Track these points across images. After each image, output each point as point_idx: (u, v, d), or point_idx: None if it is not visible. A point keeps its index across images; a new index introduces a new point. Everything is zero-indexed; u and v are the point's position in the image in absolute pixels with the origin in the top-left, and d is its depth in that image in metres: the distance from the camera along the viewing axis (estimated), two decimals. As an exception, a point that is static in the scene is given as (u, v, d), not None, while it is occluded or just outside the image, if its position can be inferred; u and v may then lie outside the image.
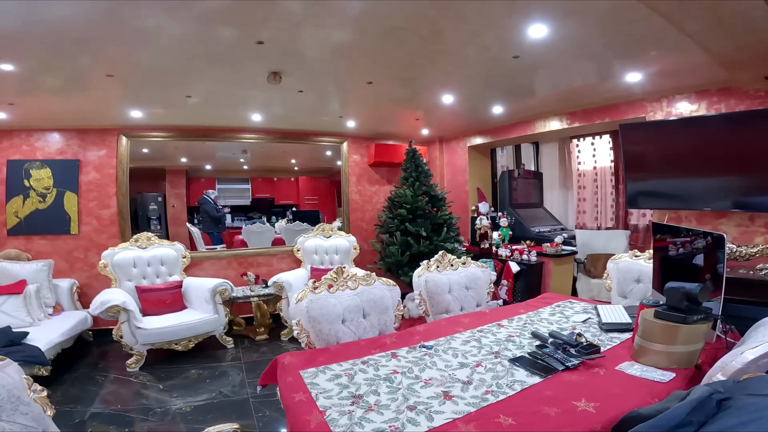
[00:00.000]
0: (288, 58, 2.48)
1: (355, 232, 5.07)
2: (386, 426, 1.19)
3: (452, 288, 2.56)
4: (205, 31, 2.04)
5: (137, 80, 2.81)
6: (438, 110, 3.96)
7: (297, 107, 3.71)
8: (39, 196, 3.87)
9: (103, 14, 1.80)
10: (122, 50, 2.23)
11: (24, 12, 1.72)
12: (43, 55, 2.21)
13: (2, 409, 1.14)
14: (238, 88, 3.04)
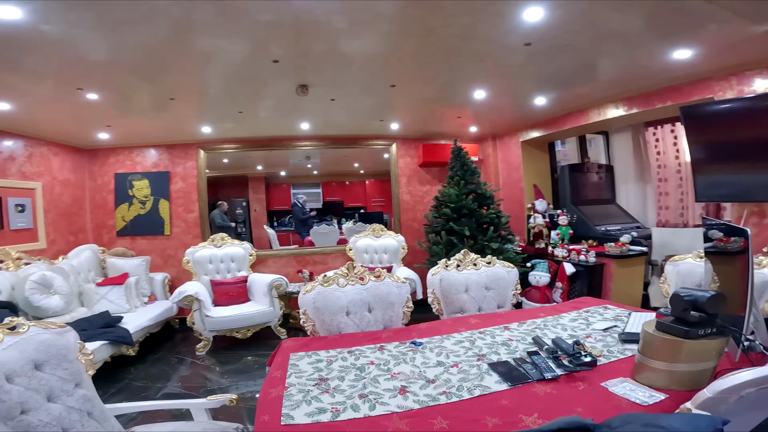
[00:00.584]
0: (312, 71, 2.69)
1: (406, 232, 5.16)
2: (329, 407, 1.30)
3: (469, 287, 2.52)
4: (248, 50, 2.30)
5: (201, 101, 3.29)
6: (477, 107, 3.87)
7: (335, 114, 3.93)
8: (140, 203, 4.70)
9: (171, 42, 2.12)
10: (188, 74, 2.63)
11: (106, 44, 2.11)
12: (121, 83, 2.71)
13: (48, 363, 1.51)
14: (277, 101, 3.36)
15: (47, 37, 1.97)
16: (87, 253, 4.28)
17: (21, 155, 3.78)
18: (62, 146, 4.28)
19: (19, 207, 3.75)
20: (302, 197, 7.01)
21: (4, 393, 1.30)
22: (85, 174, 4.63)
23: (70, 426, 1.43)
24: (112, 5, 1.74)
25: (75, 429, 1.44)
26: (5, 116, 3.20)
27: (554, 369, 1.40)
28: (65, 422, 1.42)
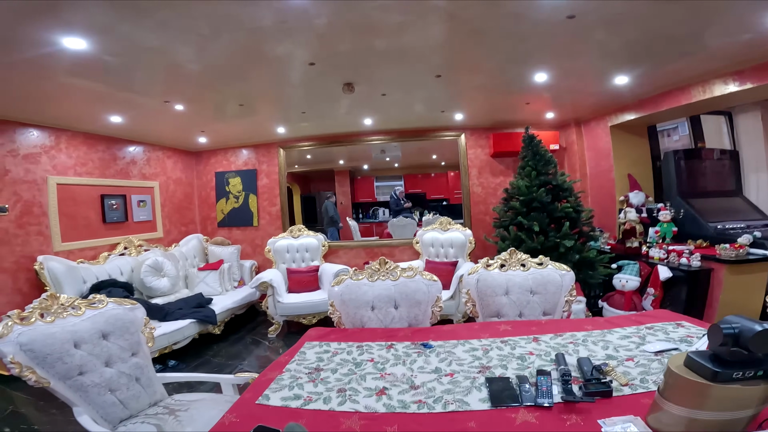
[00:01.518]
0: (357, 68, 2.73)
1: (477, 225, 4.94)
2: (305, 395, 1.34)
3: (510, 290, 2.31)
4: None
5: (271, 104, 3.60)
6: (543, 91, 3.49)
7: (390, 109, 3.92)
8: (234, 198, 5.35)
9: (242, 51, 2.34)
10: (257, 80, 2.89)
11: (194, 58, 2.41)
12: (205, 92, 3.10)
13: (113, 333, 1.82)
14: (331, 101, 3.48)
15: (148, 57, 2.32)
16: (194, 241, 5.04)
17: (141, 159, 4.61)
18: (173, 150, 5.09)
19: (141, 202, 4.59)
20: (399, 189, 7.19)
21: (68, 356, 1.61)
22: (193, 173, 5.44)
23: (117, 388, 1.72)
24: (194, 22, 1.96)
25: (120, 391, 1.72)
26: (125, 127, 3.93)
27: (553, 395, 1.21)
28: (113, 384, 1.71)
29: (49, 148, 3.64)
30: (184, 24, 1.97)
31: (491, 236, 4.39)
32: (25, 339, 1.54)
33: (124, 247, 4.22)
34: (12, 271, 3.29)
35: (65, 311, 1.75)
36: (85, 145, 3.97)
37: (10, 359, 1.48)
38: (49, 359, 1.56)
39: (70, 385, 1.59)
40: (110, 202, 4.21)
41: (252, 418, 1.20)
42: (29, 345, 1.54)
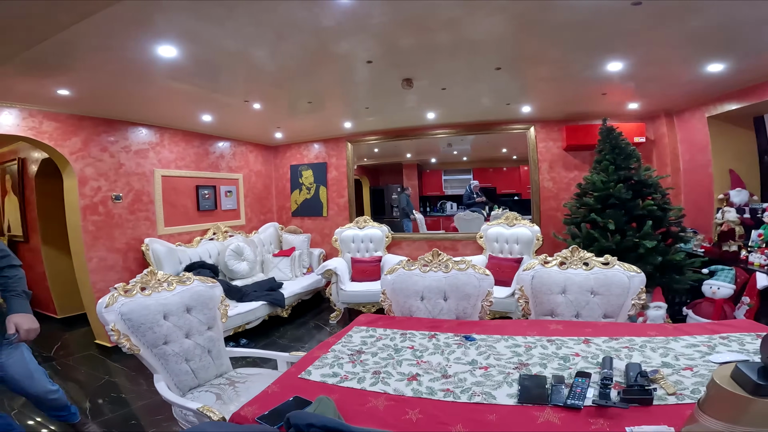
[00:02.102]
0: (416, 63, 2.77)
1: (546, 222, 4.69)
2: (343, 373, 1.46)
3: (568, 289, 2.20)
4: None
5: (338, 100, 3.79)
6: (624, 80, 3.19)
7: (453, 102, 3.88)
8: (307, 189, 5.73)
9: (310, 50, 2.47)
10: (324, 77, 3.06)
11: (269, 59, 2.60)
12: (275, 91, 3.36)
13: (195, 308, 2.09)
14: (392, 96, 3.55)
15: (229, 60, 2.60)
16: (271, 229, 5.52)
17: (228, 153, 5.15)
18: (255, 145, 5.59)
19: (228, 192, 5.14)
20: (475, 183, 7.10)
21: (157, 326, 1.88)
22: (271, 166, 5.93)
23: (191, 358, 1.97)
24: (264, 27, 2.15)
25: (193, 360, 1.97)
26: (214, 125, 4.43)
27: (587, 397, 1.17)
28: (189, 354, 1.96)
29: (155, 145, 4.25)
30: (256, 29, 2.18)
31: (561, 233, 4.15)
32: (125, 309, 1.82)
33: (213, 233, 4.77)
34: (123, 251, 3.92)
35: (160, 286, 2.03)
36: (184, 141, 4.55)
37: (112, 327, 1.76)
38: (142, 328, 1.83)
39: (155, 353, 1.85)
40: (203, 192, 4.78)
41: (292, 390, 1.34)
42: (128, 315, 1.81)
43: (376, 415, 1.18)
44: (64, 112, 3.52)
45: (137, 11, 1.88)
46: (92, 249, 3.70)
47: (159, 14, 1.95)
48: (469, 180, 7.41)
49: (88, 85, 2.93)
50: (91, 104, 3.42)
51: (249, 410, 1.22)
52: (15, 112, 3.23)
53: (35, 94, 3.06)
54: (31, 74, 2.66)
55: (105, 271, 3.76)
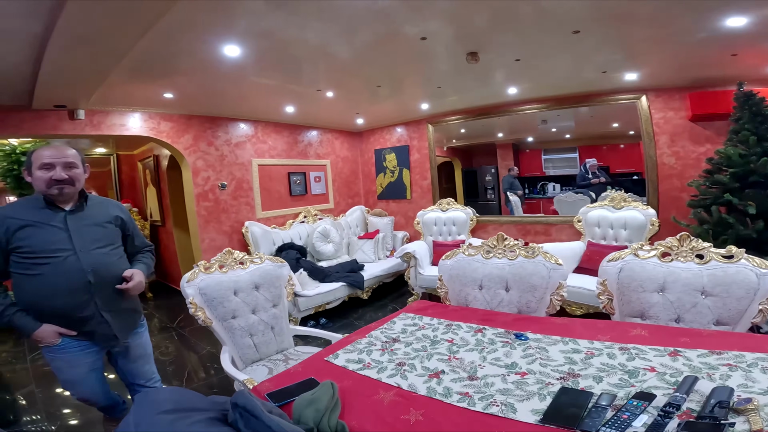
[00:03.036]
0: (477, 36, 2.52)
1: (667, 204, 3.90)
2: (368, 360, 1.40)
3: (669, 287, 1.77)
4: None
5: (412, 82, 3.67)
6: (758, 39, 2.41)
7: (533, 75, 3.49)
8: (390, 173, 5.73)
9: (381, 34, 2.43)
10: (389, 63, 3.00)
11: (345, 49, 2.64)
12: (344, 78, 3.38)
13: (262, 286, 2.23)
14: (462, 73, 3.29)
15: (314, 48, 2.65)
16: (357, 212, 5.69)
17: (316, 141, 5.42)
18: (339, 131, 5.78)
19: (317, 178, 5.43)
20: (592, 161, 6.41)
21: (227, 301, 2.06)
22: (357, 152, 6.07)
23: (255, 333, 2.11)
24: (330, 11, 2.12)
25: (257, 335, 2.11)
26: (298, 115, 4.68)
27: (631, 426, 0.90)
28: (253, 329, 2.11)
29: (251, 137, 4.68)
30: (322, 20, 2.18)
31: (685, 218, 3.40)
32: (203, 284, 2.02)
33: (304, 216, 5.11)
34: (228, 233, 4.44)
35: (236, 264, 2.21)
36: (275, 132, 4.92)
37: (190, 300, 1.97)
38: (214, 302, 2.02)
39: (225, 326, 2.03)
40: (294, 179, 5.13)
41: (313, 371, 1.33)
42: (204, 289, 2.01)
43: (377, 409, 1.10)
44: (175, 113, 4.08)
45: (214, 14, 2.04)
46: (204, 231, 4.27)
47: (231, 16, 2.08)
48: (575, 159, 6.60)
49: (185, 88, 3.33)
50: (193, 104, 3.90)
51: (266, 386, 1.25)
52: (138, 115, 3.85)
53: (150, 99, 3.59)
54: (143, 81, 3.12)
55: (214, 251, 4.30)
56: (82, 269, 1.61)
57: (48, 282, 1.56)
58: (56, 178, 1.59)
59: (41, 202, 1.62)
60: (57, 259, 1.58)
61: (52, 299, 1.58)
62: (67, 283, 1.59)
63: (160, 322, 4.48)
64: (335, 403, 1.08)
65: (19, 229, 1.54)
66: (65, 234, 1.62)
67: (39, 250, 1.56)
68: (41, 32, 2.07)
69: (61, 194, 1.62)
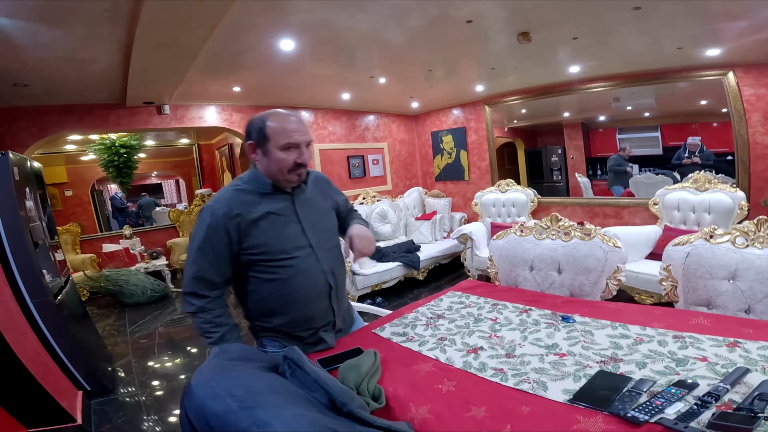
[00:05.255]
0: (527, 16, 2.44)
1: (761, 186, 3.46)
2: (411, 334, 1.49)
3: (741, 274, 1.62)
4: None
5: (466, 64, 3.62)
6: None
7: (597, 52, 3.31)
8: (448, 154, 5.69)
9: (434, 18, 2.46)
10: (441, 45, 3.00)
11: (398, 34, 2.69)
12: (396, 64, 3.45)
13: None
14: (515, 53, 3.19)
15: (364, 36, 2.76)
16: (415, 194, 5.74)
17: (373, 125, 5.53)
18: (396, 115, 5.82)
19: (375, 161, 5.56)
20: (693, 140, 5.88)
21: None
22: (414, 134, 6.09)
23: None
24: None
25: None
26: (354, 101, 4.80)
27: (663, 413, 0.88)
28: None
29: (311, 124, 4.92)
30: (375, 6, 2.25)
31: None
32: None
33: (363, 198, 5.28)
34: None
35: None
36: (334, 118, 5.12)
37: None
38: None
39: None
40: (353, 162, 5.31)
41: (360, 341, 1.45)
42: None
43: (413, 378, 1.18)
44: (244, 104, 4.41)
45: (270, 12, 2.22)
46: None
47: (285, 13, 2.24)
48: (656, 138, 6.01)
49: (250, 82, 3.60)
50: (258, 96, 4.19)
51: (321, 354, 1.39)
52: (213, 108, 4.24)
53: (222, 93, 3.94)
54: (214, 77, 3.43)
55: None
56: (322, 271, 1.35)
57: (288, 289, 1.29)
58: (301, 161, 1.26)
59: (268, 187, 1.28)
60: (297, 259, 1.30)
61: (293, 310, 1.32)
62: (308, 290, 1.33)
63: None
64: (376, 369, 1.19)
65: (251, 225, 1.25)
66: (298, 226, 1.33)
67: (276, 249, 1.28)
68: (124, 38, 2.39)
69: (298, 181, 1.32)
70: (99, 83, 3.29)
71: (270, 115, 1.26)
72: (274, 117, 1.25)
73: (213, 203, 1.27)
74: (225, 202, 1.26)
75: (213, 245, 1.24)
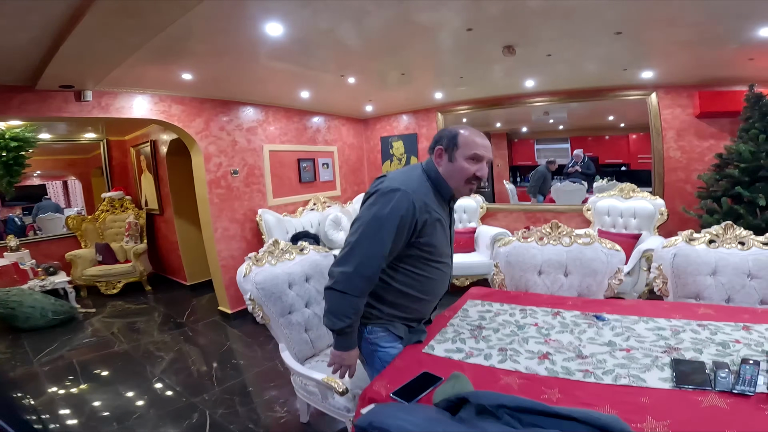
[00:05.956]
0: (519, 30, 2.56)
1: (671, 195, 4.12)
2: (467, 349, 1.43)
3: (719, 271, 1.91)
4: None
5: (429, 71, 3.67)
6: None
7: (558, 69, 3.57)
8: (398, 160, 5.74)
9: (396, 22, 2.43)
10: (413, 49, 2.98)
11: (356, 35, 2.61)
12: (370, 65, 3.37)
13: (313, 277, 2.19)
14: (491, 64, 3.34)
15: (321, 37, 2.64)
16: (363, 199, 5.68)
17: (323, 128, 5.34)
18: (347, 118, 5.72)
19: (325, 165, 5.36)
20: (577, 152, 6.57)
21: (285, 295, 1.99)
22: (362, 138, 6.04)
23: (310, 327, 2.08)
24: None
25: (312, 330, 2.08)
26: (311, 101, 4.59)
27: (758, 385, 1.02)
28: (309, 323, 2.08)
29: (262, 122, 4.56)
30: (346, 4, 2.13)
31: (692, 208, 3.62)
32: (259, 278, 1.93)
33: (313, 203, 5.05)
34: (241, 221, 4.32)
35: (283, 255, 2.15)
36: (285, 118, 4.82)
37: (249, 296, 1.89)
38: (272, 297, 1.94)
39: (282, 322, 1.96)
40: (304, 165, 5.04)
41: (418, 364, 1.35)
42: (262, 284, 1.93)
43: (512, 393, 1.14)
44: (188, 95, 3.91)
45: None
46: (218, 220, 4.13)
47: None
48: (566, 149, 6.82)
49: (206, 69, 3.19)
50: (209, 87, 3.75)
51: (381, 384, 1.25)
52: (147, 97, 3.67)
53: (164, 80, 3.42)
54: (160, 62, 2.96)
55: (228, 241, 4.20)
56: (449, 279, 1.57)
57: (430, 287, 1.45)
58: (481, 175, 1.37)
59: (449, 194, 1.41)
60: (445, 265, 1.47)
61: (423, 305, 1.49)
62: (439, 291, 1.53)
63: (167, 318, 4.37)
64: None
65: (431, 224, 1.34)
66: (448, 235, 1.50)
67: (439, 251, 1.42)
68: (71, 10, 1.95)
69: (470, 193, 1.44)
70: (8, 61, 2.64)
71: (463, 127, 1.40)
72: (467, 129, 1.39)
73: (411, 192, 1.29)
74: (422, 196, 1.33)
75: (398, 232, 1.28)
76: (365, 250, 1.27)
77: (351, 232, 1.34)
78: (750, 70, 3.39)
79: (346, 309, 1.30)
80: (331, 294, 1.31)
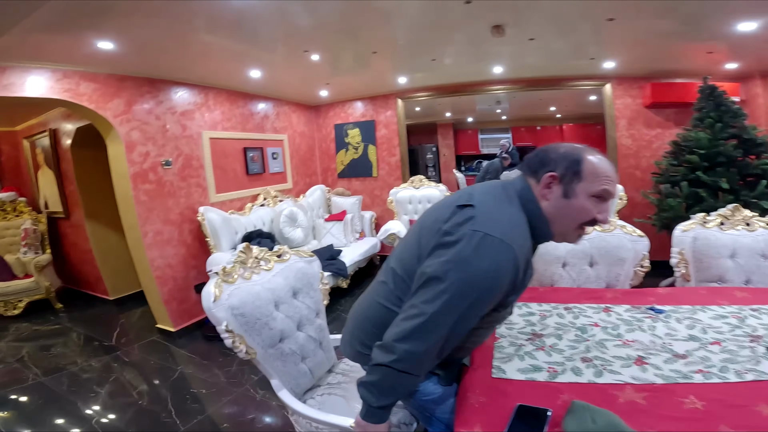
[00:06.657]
0: (509, 9, 2.39)
1: (625, 180, 4.30)
2: (545, 365, 1.18)
3: (738, 253, 1.89)
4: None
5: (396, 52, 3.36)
6: (740, 41, 2.87)
7: (532, 56, 3.48)
8: (354, 149, 5.36)
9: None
10: (381, 28, 2.69)
11: (309, 10, 2.28)
12: (331, 43, 2.97)
13: (301, 291, 1.70)
14: (469, 46, 3.15)
15: (269, 11, 2.25)
16: (318, 192, 5.19)
17: (272, 114, 4.77)
18: (298, 104, 5.19)
19: (274, 155, 4.79)
20: (504, 140, 6.70)
21: (272, 320, 1.49)
22: (314, 126, 5.54)
23: (307, 355, 1.62)
24: None
25: (309, 357, 1.63)
26: (259, 83, 4.02)
27: None
28: (305, 351, 1.62)
29: (200, 105, 3.88)
30: None
31: (649, 193, 3.82)
32: (235, 301, 1.41)
33: (264, 198, 4.47)
34: (178, 222, 3.61)
35: (258, 265, 1.62)
36: (229, 102, 4.17)
37: (225, 327, 1.36)
38: (257, 324, 1.45)
39: (272, 354, 1.48)
40: (251, 155, 4.43)
41: (496, 394, 1.06)
42: (239, 308, 1.41)
43: (645, 410, 0.93)
44: (104, 71, 3.13)
45: None
46: (147, 222, 3.40)
47: None
48: (508, 138, 7.04)
49: (131, 36, 2.52)
50: (134, 61, 3.01)
51: (468, 429, 0.95)
52: (47, 73, 2.84)
53: (70, 52, 2.66)
54: (65, 29, 2.26)
55: (162, 246, 3.48)
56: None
57: (481, 336, 1.19)
58: (602, 219, 0.99)
59: (547, 239, 1.06)
60: (506, 312, 1.15)
61: (461, 352, 1.19)
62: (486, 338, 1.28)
63: (90, 340, 3.56)
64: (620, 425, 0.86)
65: (520, 281, 1.00)
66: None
67: (506, 303, 1.07)
68: None
69: (577, 242, 1.09)
70: None
71: (589, 151, 1.00)
72: (594, 155, 0.99)
73: (516, 248, 0.91)
74: (525, 250, 0.99)
75: (492, 301, 0.96)
76: (448, 329, 0.93)
77: (427, 296, 0.92)
78: (701, 63, 3.62)
79: (400, 388, 1.01)
80: (386, 372, 0.96)
